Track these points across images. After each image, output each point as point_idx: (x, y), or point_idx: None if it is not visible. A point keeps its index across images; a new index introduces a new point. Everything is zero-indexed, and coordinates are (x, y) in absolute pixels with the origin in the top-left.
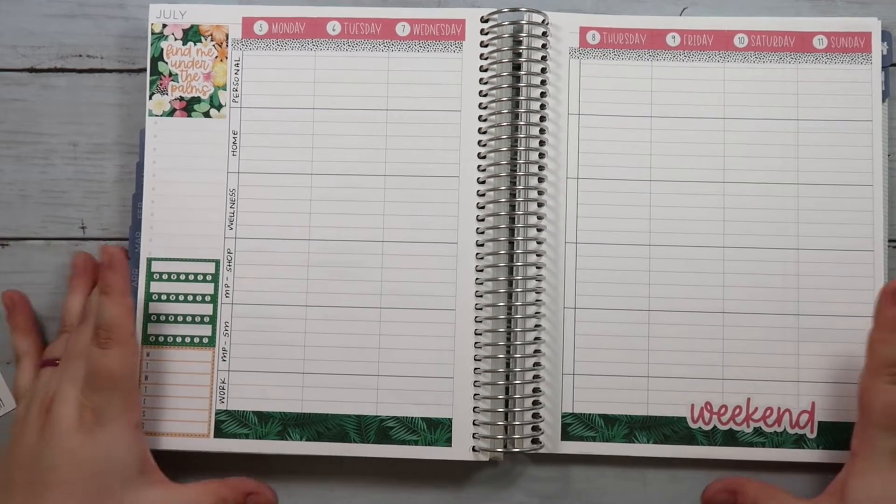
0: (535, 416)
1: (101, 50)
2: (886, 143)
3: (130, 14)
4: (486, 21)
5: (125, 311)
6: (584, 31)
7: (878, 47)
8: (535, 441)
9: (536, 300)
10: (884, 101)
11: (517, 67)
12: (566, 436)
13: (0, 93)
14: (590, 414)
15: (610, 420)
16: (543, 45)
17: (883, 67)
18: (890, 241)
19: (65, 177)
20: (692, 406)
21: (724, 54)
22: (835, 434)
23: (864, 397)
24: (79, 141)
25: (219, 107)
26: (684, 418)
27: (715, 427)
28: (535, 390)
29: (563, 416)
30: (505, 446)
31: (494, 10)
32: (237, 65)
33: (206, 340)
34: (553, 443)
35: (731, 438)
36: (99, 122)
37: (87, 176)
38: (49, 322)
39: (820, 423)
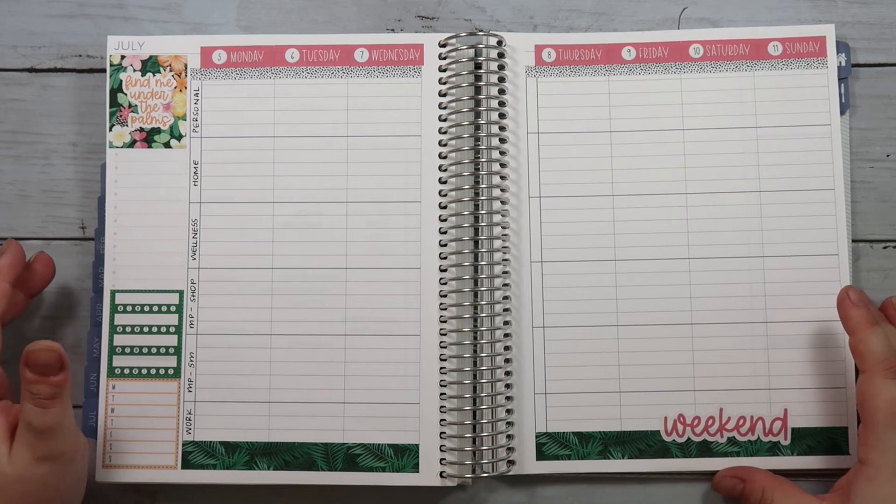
0: (509, 437)
1: (100, 50)
2: (849, 148)
3: (130, 14)
4: (444, 45)
5: None
6: (539, 49)
7: (833, 52)
8: (509, 462)
9: (505, 322)
10: (843, 113)
11: (477, 90)
12: (541, 455)
13: (0, 93)
14: (563, 432)
15: (584, 437)
16: (501, 67)
17: (840, 79)
18: (882, 241)
19: (65, 177)
20: (665, 419)
21: (680, 65)
22: (809, 440)
23: (865, 401)
24: (79, 141)
25: (179, 137)
26: (658, 432)
27: (689, 439)
28: (508, 411)
29: (537, 436)
30: (473, 471)
31: (452, 34)
32: (196, 94)
33: (171, 371)
34: (527, 463)
35: (705, 450)
36: (99, 122)
37: (87, 176)
38: (49, 321)
39: (793, 429)
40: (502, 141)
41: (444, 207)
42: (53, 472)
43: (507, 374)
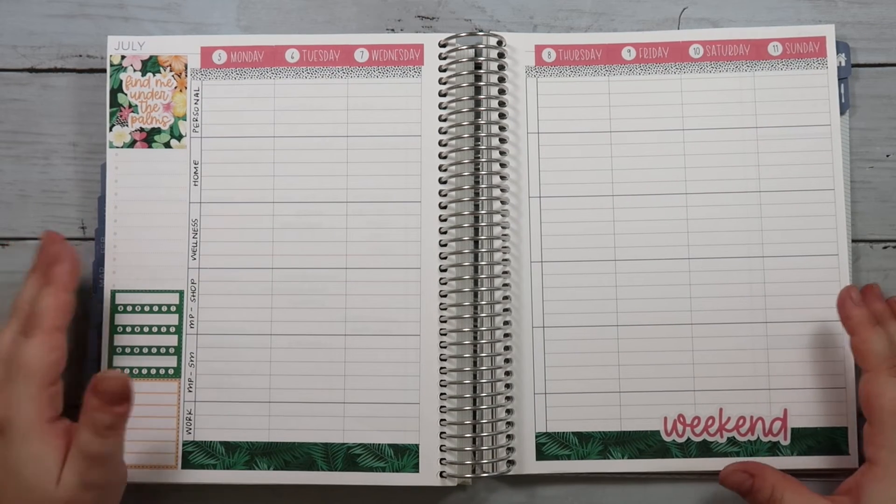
0: (509, 437)
1: (100, 50)
2: (849, 148)
3: (130, 14)
4: (444, 45)
5: (58, 304)
6: (539, 49)
7: (832, 52)
8: (509, 462)
9: (505, 322)
10: (843, 113)
11: (477, 90)
12: (541, 455)
13: (0, 93)
14: (563, 432)
15: (584, 437)
16: (501, 67)
17: (840, 79)
18: (882, 241)
19: (65, 177)
20: (665, 419)
21: (680, 66)
22: (808, 440)
23: (871, 401)
24: (79, 141)
25: (179, 137)
26: (658, 432)
27: (689, 439)
28: (508, 411)
29: (537, 436)
30: (473, 471)
31: (452, 34)
32: (197, 94)
33: (171, 371)
34: (527, 463)
35: (705, 450)
36: (99, 122)
37: (87, 176)
38: None
39: (793, 429)
40: (502, 141)
41: (444, 207)
42: (96, 501)
43: (507, 374)
